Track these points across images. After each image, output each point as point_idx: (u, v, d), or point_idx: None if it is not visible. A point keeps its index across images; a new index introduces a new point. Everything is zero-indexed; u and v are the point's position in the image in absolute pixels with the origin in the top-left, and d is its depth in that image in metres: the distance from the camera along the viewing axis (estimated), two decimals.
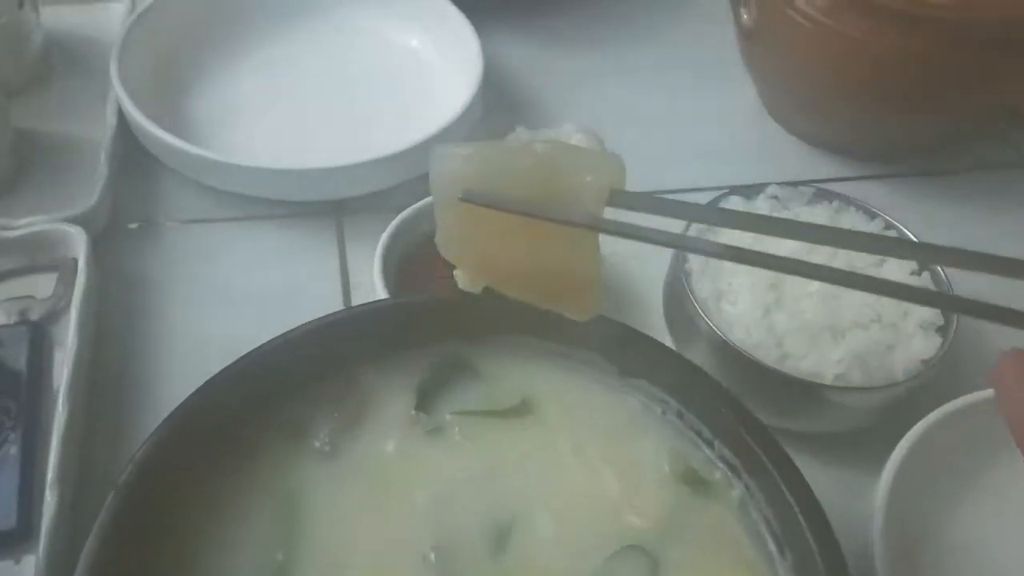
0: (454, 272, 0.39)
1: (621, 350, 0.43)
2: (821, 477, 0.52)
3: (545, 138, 0.39)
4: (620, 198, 0.35)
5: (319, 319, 0.41)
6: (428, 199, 0.59)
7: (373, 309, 0.42)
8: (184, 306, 0.58)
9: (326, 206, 0.64)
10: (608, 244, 0.59)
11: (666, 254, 0.57)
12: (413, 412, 0.42)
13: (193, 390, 0.40)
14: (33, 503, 0.44)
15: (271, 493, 0.39)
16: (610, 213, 0.35)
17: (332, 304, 0.60)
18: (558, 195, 0.34)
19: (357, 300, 0.60)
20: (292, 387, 0.41)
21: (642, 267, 0.62)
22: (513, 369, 0.44)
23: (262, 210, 0.64)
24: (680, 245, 0.40)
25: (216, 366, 0.55)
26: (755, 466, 0.39)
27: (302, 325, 0.41)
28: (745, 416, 0.40)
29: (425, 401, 0.42)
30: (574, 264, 0.36)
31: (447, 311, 0.44)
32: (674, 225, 0.37)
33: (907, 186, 0.72)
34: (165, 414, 0.51)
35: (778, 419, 0.52)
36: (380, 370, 0.43)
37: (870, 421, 0.52)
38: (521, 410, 0.43)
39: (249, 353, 0.40)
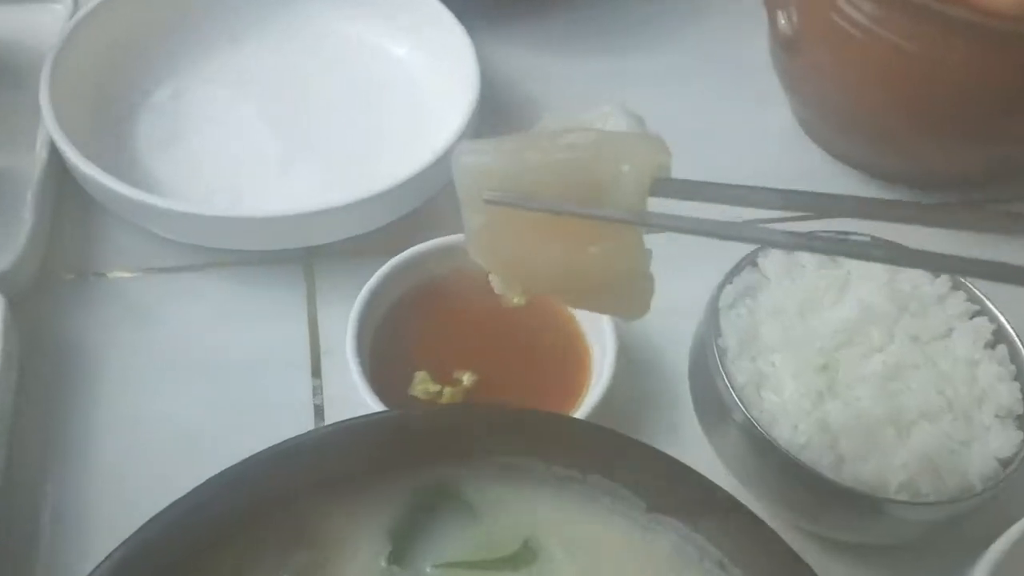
0: (489, 277, 0.35)
1: (650, 479, 0.34)
2: None
3: (577, 125, 0.34)
4: (664, 186, 0.31)
5: (266, 452, 0.32)
6: (409, 251, 0.50)
7: (336, 435, 0.34)
8: (123, 381, 0.50)
9: (295, 252, 0.55)
10: None
11: (695, 309, 0.48)
12: (384, 565, 0.33)
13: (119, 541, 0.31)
14: None
15: None
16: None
17: (298, 376, 0.51)
18: (594, 189, 0.31)
19: (328, 369, 0.51)
20: (227, 537, 0.32)
21: (663, 321, 0.53)
22: (514, 500, 0.35)
23: (219, 257, 0.55)
24: (739, 236, 0.33)
25: (158, 463, 0.47)
26: None
27: (242, 463, 0.32)
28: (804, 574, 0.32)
29: (400, 549, 0.34)
30: (617, 261, 0.33)
31: (431, 426, 0.35)
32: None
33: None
34: (92, 535, 0.43)
35: (830, 531, 0.44)
36: (344, 508, 0.34)
37: (940, 533, 0.43)
38: (524, 558, 0.34)
39: (172, 507, 0.31)
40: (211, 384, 0.50)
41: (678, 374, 0.50)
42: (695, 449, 0.45)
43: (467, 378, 0.48)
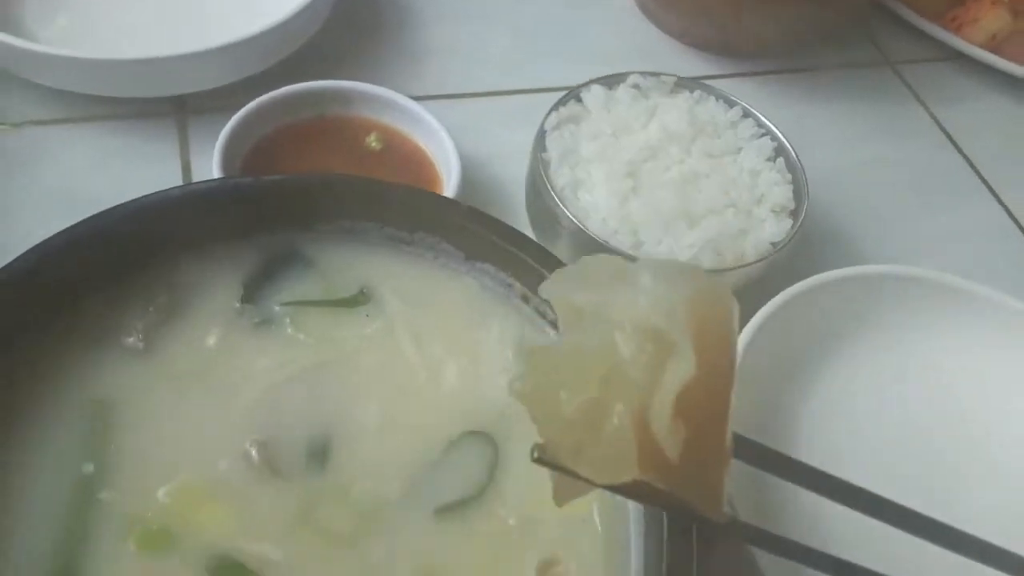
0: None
1: (467, 233, 0.41)
2: None
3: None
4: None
5: (125, 204, 0.37)
6: (273, 92, 0.55)
7: (190, 193, 0.39)
8: None
9: (166, 104, 0.59)
10: (468, 145, 0.56)
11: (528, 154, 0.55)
12: (238, 305, 0.39)
13: None
14: None
15: (75, 399, 0.35)
16: None
17: None
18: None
19: None
20: (95, 283, 0.37)
21: (504, 168, 0.60)
22: (351, 258, 0.41)
23: (91, 110, 0.58)
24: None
25: None
26: None
27: (104, 212, 0.37)
28: None
29: (252, 293, 0.39)
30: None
31: (276, 195, 0.41)
32: None
33: (775, 84, 0.72)
34: None
35: None
36: (200, 263, 0.39)
37: None
38: (359, 300, 0.40)
39: (38, 246, 0.36)
40: None
41: (517, 201, 0.57)
42: None
43: None
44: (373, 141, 0.58)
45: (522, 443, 0.37)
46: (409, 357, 0.39)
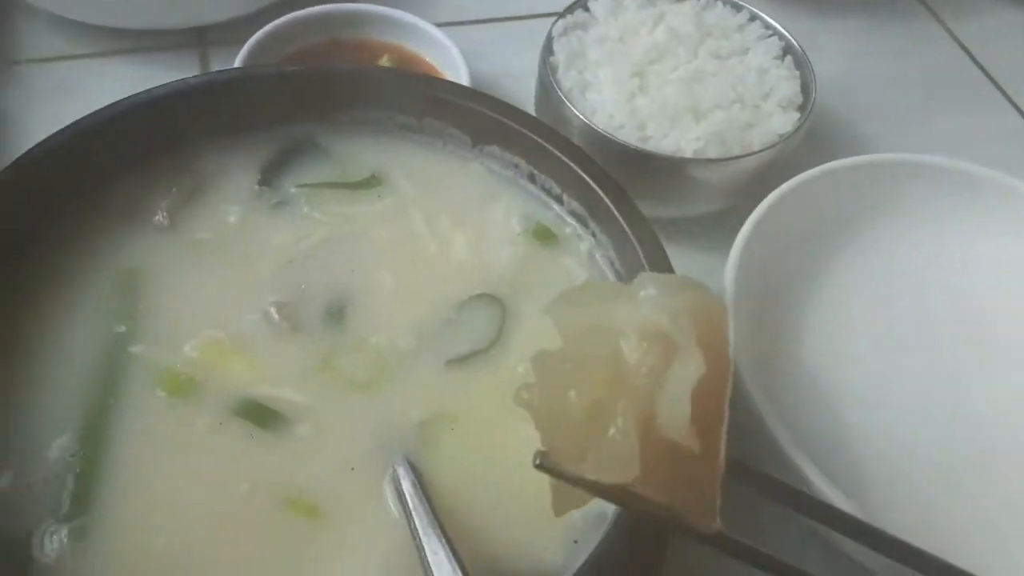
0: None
1: (474, 117, 0.42)
2: (685, 261, 0.53)
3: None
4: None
5: (147, 90, 0.40)
6: (286, 17, 0.57)
7: (208, 80, 0.41)
8: None
9: (188, 36, 0.62)
10: (478, 65, 0.57)
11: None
12: (256, 187, 0.41)
13: None
14: None
15: (107, 270, 0.37)
16: None
17: None
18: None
19: None
20: (122, 166, 0.40)
21: (514, 86, 0.61)
22: (363, 147, 0.43)
23: (117, 44, 0.61)
24: None
25: None
26: (601, 213, 0.40)
27: (129, 97, 0.39)
28: (591, 166, 0.40)
29: (269, 178, 0.41)
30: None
31: (290, 86, 0.42)
32: None
33: (784, 1, 0.72)
34: None
35: (644, 203, 0.53)
36: (220, 150, 0.41)
37: (730, 198, 0.52)
38: (372, 182, 0.42)
39: (69, 126, 0.38)
40: None
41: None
42: None
43: None
44: (386, 62, 0.59)
45: (529, 303, 0.38)
46: (420, 231, 0.40)
